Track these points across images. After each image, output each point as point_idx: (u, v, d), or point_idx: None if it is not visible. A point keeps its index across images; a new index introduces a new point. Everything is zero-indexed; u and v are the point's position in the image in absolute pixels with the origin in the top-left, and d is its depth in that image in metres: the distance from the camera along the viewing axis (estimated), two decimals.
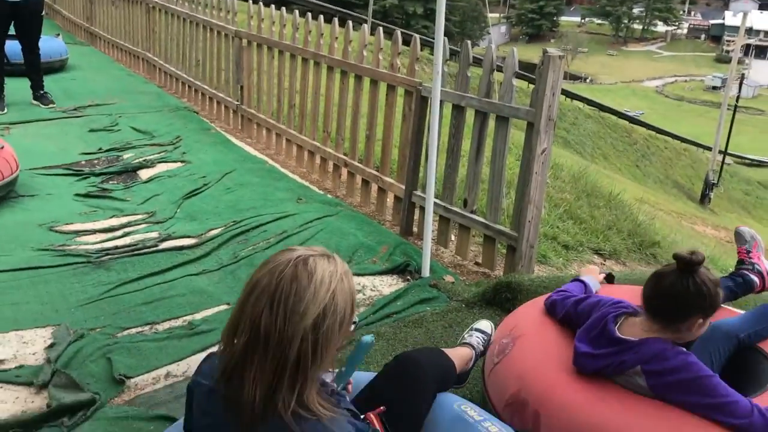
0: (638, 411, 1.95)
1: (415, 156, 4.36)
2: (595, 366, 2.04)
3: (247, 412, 1.28)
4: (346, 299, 1.34)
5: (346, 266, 1.40)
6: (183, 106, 7.53)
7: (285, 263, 1.31)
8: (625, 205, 6.22)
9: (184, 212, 4.58)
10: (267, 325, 1.26)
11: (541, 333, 2.37)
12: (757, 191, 23.23)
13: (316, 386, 1.34)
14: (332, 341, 1.32)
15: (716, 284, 1.96)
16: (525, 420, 2.11)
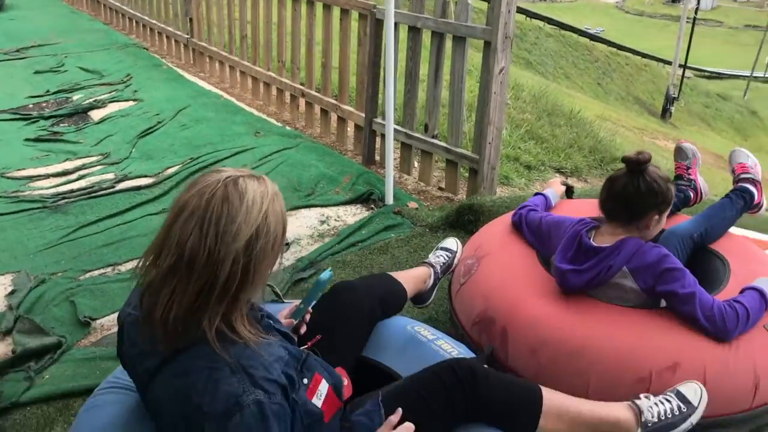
0: (604, 320, 1.99)
1: (374, 82, 4.28)
2: (583, 280, 2.05)
3: (162, 334, 1.26)
4: (277, 220, 1.30)
5: (276, 187, 1.35)
6: (131, 42, 7.26)
7: (214, 184, 1.25)
8: (586, 123, 6.24)
9: (139, 152, 4.47)
10: (195, 246, 1.22)
11: (504, 251, 2.39)
12: (717, 103, 23.50)
13: (245, 310, 1.33)
14: (264, 263, 1.29)
15: (666, 180, 2.04)
16: (493, 337, 2.14)
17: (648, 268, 1.97)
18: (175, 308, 1.23)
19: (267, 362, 1.29)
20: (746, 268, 2.20)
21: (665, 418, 1.74)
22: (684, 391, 1.79)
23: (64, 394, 2.30)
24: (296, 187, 3.95)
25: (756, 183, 2.48)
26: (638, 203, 2.03)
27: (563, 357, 1.95)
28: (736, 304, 1.92)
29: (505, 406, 1.59)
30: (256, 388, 1.24)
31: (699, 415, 1.77)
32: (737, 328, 1.88)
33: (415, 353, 1.84)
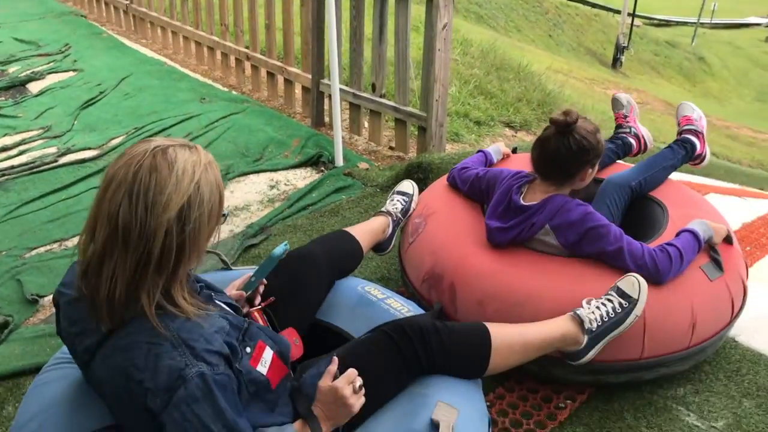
0: (545, 270, 2.04)
1: (318, 43, 4.22)
2: (508, 237, 2.11)
3: (106, 312, 1.23)
4: (212, 190, 1.26)
5: (211, 156, 1.31)
6: (68, 10, 7.01)
7: (142, 154, 1.21)
8: (534, 76, 6.26)
9: (81, 123, 4.36)
10: (126, 219, 1.19)
11: (451, 209, 2.41)
12: (666, 51, 23.73)
13: (185, 282, 1.31)
14: (201, 234, 1.26)
15: (594, 132, 2.06)
16: (441, 293, 2.18)
17: (571, 225, 2.01)
18: (119, 284, 1.21)
19: (208, 334, 1.28)
20: (684, 213, 2.26)
21: (608, 319, 1.84)
22: (622, 286, 1.88)
23: (14, 373, 2.27)
24: (244, 152, 3.91)
25: (699, 135, 2.53)
26: (571, 163, 2.06)
27: (508, 307, 2.00)
28: (668, 247, 1.97)
29: (457, 356, 1.63)
30: (199, 360, 1.23)
31: (642, 306, 1.85)
32: (671, 270, 1.95)
33: (365, 313, 1.87)
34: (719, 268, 2.06)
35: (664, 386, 2.07)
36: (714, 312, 2.03)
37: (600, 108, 7.76)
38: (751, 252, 2.83)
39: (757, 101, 21.49)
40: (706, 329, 2.01)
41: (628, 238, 2.01)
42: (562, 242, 2.05)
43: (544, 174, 2.12)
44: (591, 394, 2.05)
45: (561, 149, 2.03)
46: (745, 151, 9.72)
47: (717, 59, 23.82)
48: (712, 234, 2.09)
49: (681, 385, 2.08)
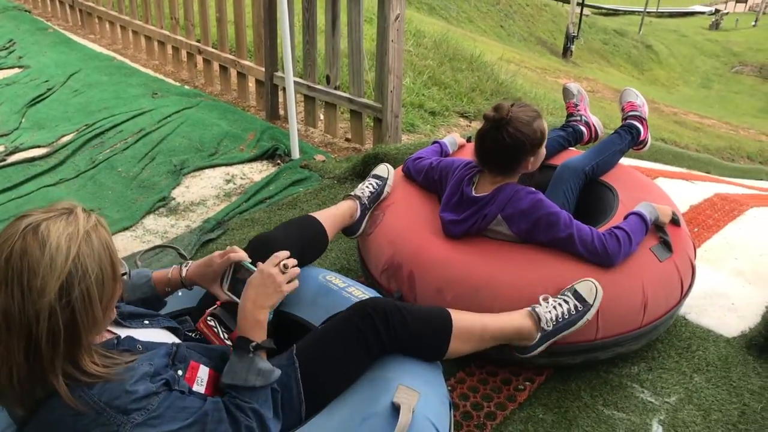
0: (499, 258, 2.08)
1: (271, 35, 4.20)
2: (462, 229, 2.14)
3: (12, 399, 1.20)
4: (98, 257, 1.20)
5: (94, 218, 1.24)
6: (12, 5, 6.82)
7: (13, 237, 1.15)
8: (487, 66, 6.33)
9: (30, 121, 4.26)
10: (7, 307, 1.13)
11: (408, 199, 2.43)
12: (614, 39, 24.20)
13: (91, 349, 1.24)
14: (93, 305, 1.19)
15: (530, 122, 2.07)
16: (401, 281, 2.20)
17: (522, 214, 2.05)
18: (15, 372, 1.17)
19: (130, 386, 1.23)
20: (633, 196, 2.32)
21: (563, 319, 1.90)
22: (580, 290, 1.93)
23: None
24: (198, 147, 3.87)
25: (642, 120, 2.61)
26: (510, 155, 2.08)
27: (467, 293, 2.03)
28: (616, 230, 2.03)
29: (418, 336, 1.65)
30: (129, 414, 1.20)
31: (594, 311, 1.91)
32: (620, 253, 2.00)
33: (327, 302, 1.88)
34: (668, 249, 2.12)
35: (618, 365, 2.13)
36: (664, 291, 2.09)
37: (551, 96, 7.88)
38: (698, 233, 2.92)
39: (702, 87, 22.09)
40: (658, 308, 2.08)
41: (578, 223, 2.05)
42: (515, 231, 2.09)
43: (487, 167, 2.15)
44: (549, 375, 2.10)
45: (498, 143, 2.06)
46: (692, 136, 9.98)
47: (664, 47, 24.39)
48: (658, 215, 2.15)
49: (635, 364, 2.14)
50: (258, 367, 1.40)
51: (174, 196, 3.40)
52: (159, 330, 1.56)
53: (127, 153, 3.80)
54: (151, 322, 1.55)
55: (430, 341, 1.68)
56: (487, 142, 2.09)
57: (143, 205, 3.29)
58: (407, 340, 1.63)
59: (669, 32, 27.33)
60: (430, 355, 1.68)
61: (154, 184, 3.49)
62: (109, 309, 1.26)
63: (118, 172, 3.62)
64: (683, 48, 25.34)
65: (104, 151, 3.83)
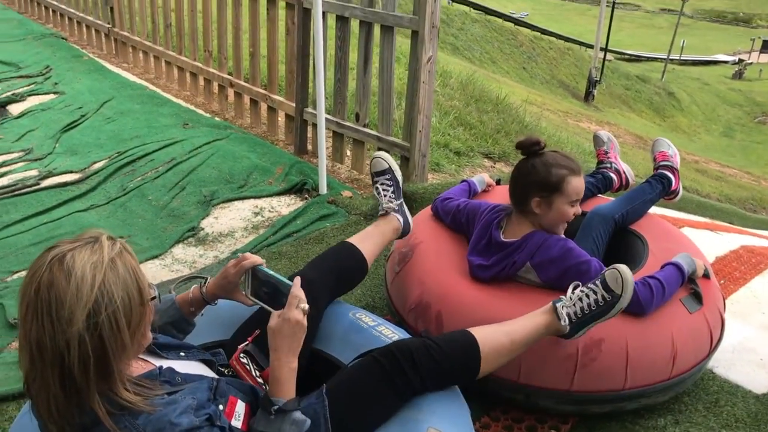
0: (529, 301, 2.08)
1: (303, 72, 4.28)
2: (489, 274, 2.16)
3: (58, 427, 1.21)
4: (124, 284, 1.22)
5: (119, 245, 1.26)
6: (49, 32, 7.00)
7: (41, 269, 1.19)
8: (512, 108, 6.39)
9: (63, 147, 4.35)
10: (39, 338, 1.17)
11: (437, 238, 2.45)
12: (636, 85, 24.34)
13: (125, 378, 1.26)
14: (121, 331, 1.21)
15: (550, 164, 2.09)
16: (428, 321, 2.21)
17: (552, 262, 2.06)
18: (53, 403, 1.20)
19: (175, 419, 1.25)
20: (663, 247, 2.33)
21: (589, 311, 1.85)
22: (607, 279, 1.86)
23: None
24: (228, 179, 3.93)
25: (674, 171, 2.63)
26: (521, 184, 2.15)
27: None
28: (650, 280, 2.03)
29: (447, 369, 1.67)
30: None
31: (627, 299, 1.83)
32: (653, 302, 2.00)
33: (357, 340, 1.89)
34: (699, 301, 2.12)
35: (645, 416, 2.12)
36: (694, 344, 2.08)
37: (574, 140, 7.92)
38: (725, 285, 2.91)
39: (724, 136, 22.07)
40: (686, 361, 2.07)
41: None
42: (544, 279, 2.10)
43: (514, 199, 2.21)
44: (575, 423, 2.09)
45: (518, 170, 2.16)
46: (714, 185, 9.95)
47: (686, 94, 24.46)
48: (695, 268, 2.16)
49: (662, 416, 2.13)
50: (292, 417, 1.46)
51: (203, 226, 3.45)
52: (195, 362, 1.59)
53: (158, 182, 3.86)
54: (187, 355, 1.57)
55: (461, 369, 1.70)
56: (514, 168, 2.19)
57: (173, 234, 3.33)
58: (437, 376, 1.64)
59: (692, 80, 27.42)
60: (464, 377, 1.70)
61: (184, 213, 3.54)
62: (138, 334, 1.28)
63: (148, 200, 3.67)
64: (706, 96, 25.37)
65: (135, 179, 3.90)
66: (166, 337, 1.62)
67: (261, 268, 1.68)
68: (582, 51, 26.29)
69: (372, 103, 4.12)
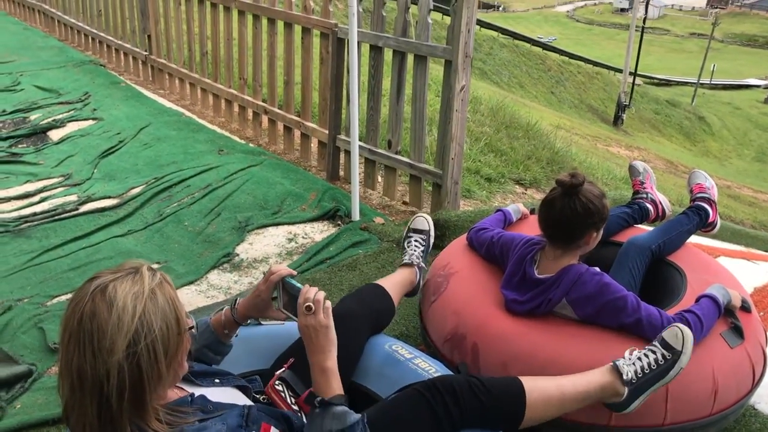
0: (567, 335, 2.07)
1: (336, 99, 4.33)
2: (525, 309, 2.15)
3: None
4: (163, 315, 1.25)
5: (159, 276, 1.30)
6: (88, 59, 7.18)
7: (83, 299, 1.22)
8: (542, 134, 6.39)
9: (101, 172, 4.44)
10: (80, 366, 1.20)
11: (472, 268, 2.45)
12: (666, 109, 24.16)
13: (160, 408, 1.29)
14: (159, 360, 1.24)
15: (600, 197, 2.10)
16: (464, 353, 2.20)
17: (588, 299, 2.05)
18: (89, 431, 1.22)
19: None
20: (701, 278, 2.30)
21: (650, 371, 1.83)
22: (666, 338, 1.86)
23: (37, 423, 2.28)
24: (262, 205, 3.98)
25: (711, 203, 2.61)
26: (576, 225, 2.08)
27: (534, 370, 2.01)
28: (687, 314, 2.01)
29: (490, 411, 1.66)
30: None
31: (687, 358, 1.82)
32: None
33: (393, 373, 1.89)
34: (739, 335, 2.09)
35: None
36: (735, 379, 2.05)
37: (605, 166, 7.88)
38: (765, 317, 2.87)
39: (756, 161, 21.76)
40: (728, 397, 2.04)
41: (646, 306, 2.03)
42: (580, 315, 2.08)
43: (551, 238, 2.15)
44: None
45: (566, 211, 2.06)
46: (747, 212, 9.81)
47: (716, 119, 24.20)
48: (730, 299, 2.13)
49: None
50: (333, 411, 1.46)
51: (238, 252, 3.49)
52: (230, 389, 1.61)
53: (194, 208, 3.92)
54: (222, 381, 1.59)
55: (504, 412, 1.68)
56: (554, 208, 2.09)
57: (208, 260, 3.38)
58: (479, 416, 1.64)
59: (722, 104, 27.16)
60: (506, 421, 1.69)
61: (219, 239, 3.59)
62: (175, 363, 1.30)
63: (184, 226, 3.73)
64: (737, 120, 25.10)
65: (172, 205, 3.96)
66: (201, 365, 1.64)
67: (289, 280, 1.70)
68: (611, 75, 26.20)
69: (404, 130, 4.16)
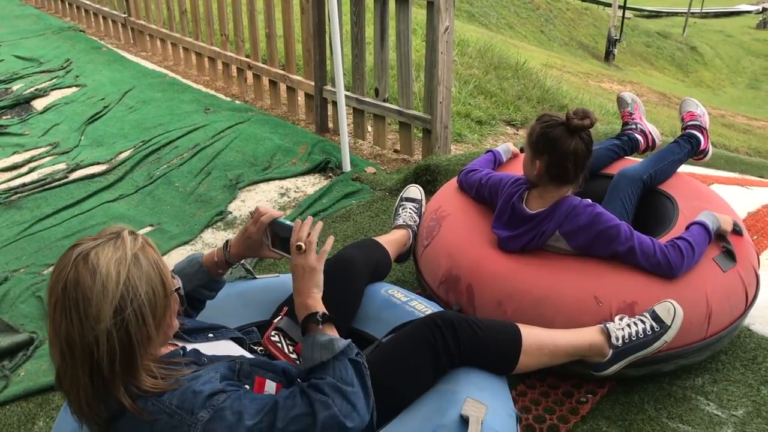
0: (559, 269, 2.09)
1: (320, 49, 4.26)
2: (518, 245, 2.15)
3: (87, 417, 1.26)
4: (148, 279, 1.25)
5: (141, 240, 1.29)
6: (67, 26, 7.05)
7: (66, 267, 1.21)
8: (532, 73, 6.31)
9: (88, 139, 4.40)
10: (69, 334, 1.20)
11: (464, 211, 2.45)
12: (657, 42, 23.82)
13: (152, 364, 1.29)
14: (147, 323, 1.25)
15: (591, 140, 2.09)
16: (459, 294, 2.22)
17: (581, 230, 2.05)
18: (83, 396, 1.24)
19: (197, 388, 1.28)
20: (693, 205, 2.31)
21: (636, 338, 1.88)
22: (658, 311, 1.91)
23: (42, 389, 2.31)
24: (252, 161, 3.95)
25: (703, 130, 2.59)
26: (575, 164, 2.06)
27: (528, 306, 2.04)
28: (679, 241, 2.02)
29: (487, 348, 1.68)
30: (197, 413, 1.25)
31: (673, 334, 1.88)
32: (683, 264, 1.99)
33: (390, 316, 1.91)
34: (732, 259, 2.10)
35: (682, 377, 2.12)
36: (729, 302, 2.07)
37: (597, 102, 7.82)
38: (758, 241, 2.88)
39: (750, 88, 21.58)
40: (722, 320, 2.06)
41: (639, 234, 2.04)
42: (574, 246, 2.09)
43: (556, 178, 2.09)
44: (611, 387, 2.09)
45: (578, 150, 2.03)
46: (742, 139, 9.78)
47: (709, 48, 23.92)
48: (720, 225, 2.13)
49: (699, 375, 2.12)
50: (319, 341, 1.41)
51: (230, 210, 3.48)
52: (224, 342, 1.62)
53: (184, 168, 3.90)
54: (216, 335, 1.60)
55: (500, 354, 1.70)
56: (563, 148, 2.03)
57: (201, 219, 3.37)
58: (476, 353, 1.65)
59: (714, 33, 26.81)
60: (500, 368, 1.70)
61: (211, 198, 3.58)
62: (163, 325, 1.31)
63: (175, 187, 3.71)
64: (729, 48, 24.81)
65: (161, 167, 3.94)
66: (193, 321, 1.65)
67: (279, 220, 1.71)
68: (600, 10, 25.77)
69: (391, 77, 4.10)
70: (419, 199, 2.65)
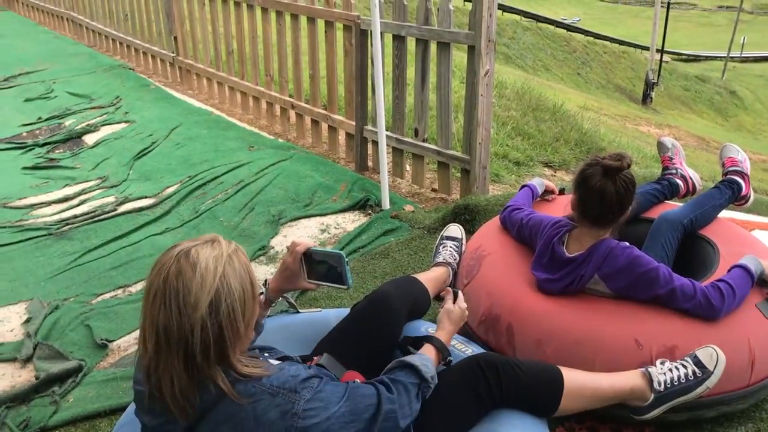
0: (599, 311, 2.10)
1: (362, 91, 4.37)
2: (557, 288, 2.18)
3: (178, 409, 1.32)
4: (240, 278, 1.35)
5: (234, 245, 1.41)
6: (117, 64, 7.32)
7: (168, 261, 1.32)
8: (570, 116, 6.36)
9: (136, 173, 4.55)
10: (166, 324, 1.29)
11: (504, 250, 2.49)
12: (696, 86, 23.73)
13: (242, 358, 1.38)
14: (237, 319, 1.34)
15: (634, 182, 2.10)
16: (499, 333, 2.24)
17: (620, 272, 2.06)
18: (177, 384, 1.31)
19: (293, 372, 1.39)
20: (734, 251, 2.31)
21: (678, 383, 1.88)
22: (700, 356, 1.91)
23: (90, 416, 2.38)
24: (294, 198, 4.04)
25: (744, 176, 2.60)
26: (622, 206, 2.08)
27: (568, 347, 2.06)
28: (720, 284, 2.02)
29: (529, 391, 1.71)
30: (300, 392, 1.36)
31: (715, 380, 1.88)
32: (725, 305, 1.99)
33: None
34: None
35: (724, 425, 2.10)
36: None
37: (635, 145, 7.81)
38: None
39: None
40: (766, 367, 2.04)
41: (678, 277, 2.05)
42: (613, 288, 2.10)
43: (589, 217, 2.12)
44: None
45: (609, 191, 2.04)
46: None
47: (749, 92, 23.72)
48: (763, 269, 2.13)
49: (741, 424, 2.10)
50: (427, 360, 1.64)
51: (273, 245, 3.56)
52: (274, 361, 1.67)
53: (228, 203, 4.01)
54: (269, 355, 1.66)
55: (541, 397, 1.72)
56: (595, 189, 2.05)
57: None
58: (518, 395, 1.67)
59: (754, 77, 26.57)
60: (541, 410, 1.72)
61: (254, 233, 3.66)
62: (251, 326, 1.41)
63: (219, 221, 3.81)
64: None
65: (206, 202, 4.05)
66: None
67: (313, 249, 1.78)
68: (638, 53, 25.81)
69: (430, 117, 4.19)
70: (459, 238, 2.69)
